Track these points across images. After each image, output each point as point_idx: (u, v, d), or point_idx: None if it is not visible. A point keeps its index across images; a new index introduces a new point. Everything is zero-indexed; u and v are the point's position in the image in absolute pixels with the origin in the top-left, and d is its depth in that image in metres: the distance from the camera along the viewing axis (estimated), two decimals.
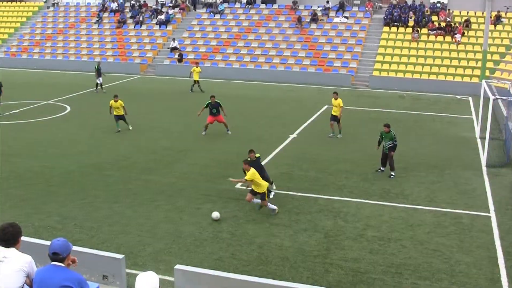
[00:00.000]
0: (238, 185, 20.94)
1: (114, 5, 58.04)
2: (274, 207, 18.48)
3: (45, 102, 36.51)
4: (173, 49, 50.01)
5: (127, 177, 22.07)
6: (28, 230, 16.64)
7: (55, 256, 7.62)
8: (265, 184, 18.53)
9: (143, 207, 19.08)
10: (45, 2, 64.18)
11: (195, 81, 39.96)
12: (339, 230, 17.15)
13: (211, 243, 16.26)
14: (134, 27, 55.15)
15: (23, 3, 65.12)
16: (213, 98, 28.67)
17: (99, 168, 23.34)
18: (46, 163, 24.07)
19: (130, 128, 29.44)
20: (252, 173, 18.25)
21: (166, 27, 53.84)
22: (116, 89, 40.71)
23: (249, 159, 19.38)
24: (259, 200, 18.47)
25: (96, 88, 40.07)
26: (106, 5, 58.82)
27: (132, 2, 58.22)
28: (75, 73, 49.17)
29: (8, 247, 7.77)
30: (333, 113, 28.35)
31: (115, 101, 28.83)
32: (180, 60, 48.61)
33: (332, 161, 24.40)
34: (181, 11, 55.62)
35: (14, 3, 65.07)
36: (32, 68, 51.90)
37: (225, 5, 54.87)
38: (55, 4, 62.29)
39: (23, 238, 13.69)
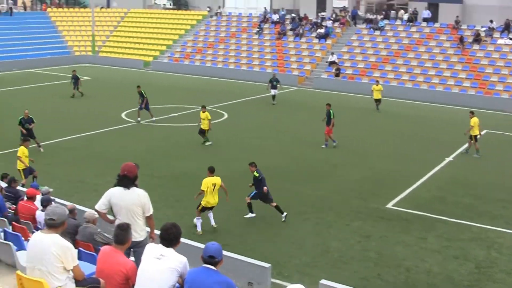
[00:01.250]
0: (389, 205, 20.64)
1: (275, 17, 58.93)
2: (199, 225, 18.13)
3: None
4: (331, 63, 50.04)
5: (279, 187, 22.23)
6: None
7: (211, 259, 7.73)
8: (213, 201, 18.14)
9: (292, 218, 19.20)
10: (209, 11, 66.28)
11: (376, 100, 38.87)
12: (492, 261, 16.46)
13: (358, 261, 16.11)
14: (294, 39, 55.72)
15: (188, 12, 67.62)
16: (328, 106, 29.13)
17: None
18: (202, 166, 24.69)
19: (207, 144, 28.51)
20: (204, 182, 18.07)
21: (326, 41, 53.99)
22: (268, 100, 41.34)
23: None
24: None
25: (273, 100, 40.00)
26: (267, 16, 59.83)
27: (293, 14, 58.88)
28: (234, 81, 50.25)
29: (168, 247, 7.96)
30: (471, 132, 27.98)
31: (203, 112, 28.47)
32: (337, 74, 48.57)
33: (490, 188, 23.43)
34: (341, 25, 55.62)
35: (180, 11, 67.72)
36: (193, 74, 53.53)
37: (386, 21, 54.28)
38: (218, 14, 64.14)
39: None
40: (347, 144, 29.46)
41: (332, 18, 56.35)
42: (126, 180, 10.18)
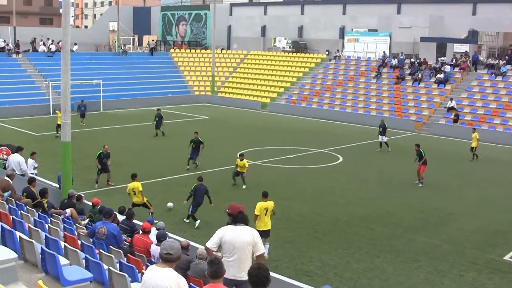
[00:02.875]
0: (507, 257, 19.86)
1: (394, 61, 58.56)
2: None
3: (318, 151, 37.60)
4: (450, 109, 49.06)
5: (391, 233, 21.96)
6: (289, 272, 17.18)
7: None
8: (264, 224, 18.84)
9: (404, 265, 18.84)
10: (327, 54, 66.68)
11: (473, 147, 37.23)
12: None
13: None
14: (412, 84, 55.07)
15: (307, 55, 68.20)
16: (417, 146, 30.32)
17: (365, 220, 23.49)
18: (315, 209, 24.75)
19: (243, 187, 27.96)
20: (258, 207, 18.64)
21: (445, 86, 53.07)
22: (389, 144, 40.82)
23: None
24: None
25: (381, 147, 38.54)
26: (386, 61, 59.54)
27: (412, 59, 58.33)
28: (351, 125, 50.05)
29: None
30: None
31: (240, 160, 28.08)
32: (456, 120, 47.53)
33: None
34: (461, 71, 54.55)
35: (299, 54, 68.40)
36: (309, 117, 53.80)
37: (508, 67, 52.75)
38: (337, 57, 64.39)
39: (283, 278, 14.16)
40: (463, 192, 28.74)
41: (452, 63, 55.39)
42: (242, 216, 10.33)
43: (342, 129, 47.79)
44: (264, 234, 18.30)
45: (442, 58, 57.16)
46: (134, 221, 17.95)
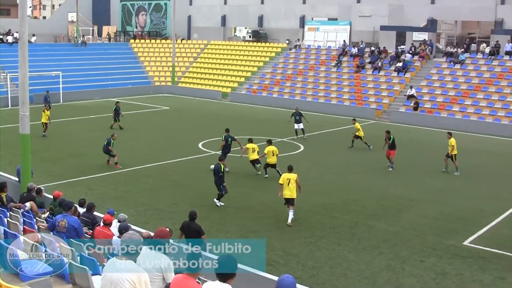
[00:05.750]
0: (466, 242, 20.13)
1: (354, 50, 58.85)
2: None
3: (279, 140, 37.62)
4: (410, 96, 49.50)
5: (353, 221, 22.11)
6: (251, 261, 17.15)
7: None
8: (288, 193, 21.63)
9: (365, 252, 18.99)
10: (288, 44, 66.77)
11: (360, 137, 36.23)
12: None
13: None
14: (372, 72, 55.44)
15: (267, 44, 68.24)
16: (387, 133, 31.36)
17: (327, 208, 23.62)
18: (277, 198, 24.68)
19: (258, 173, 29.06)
20: (282, 177, 22.00)
21: (404, 74, 53.51)
22: (348, 134, 40.98)
23: None
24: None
25: (297, 134, 38.69)
26: (346, 49, 59.81)
27: (372, 47, 58.68)
28: (311, 113, 50.05)
29: (224, 282, 7.56)
30: None
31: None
32: (416, 108, 47.99)
33: None
34: (421, 59, 55.04)
35: (259, 44, 68.40)
36: (270, 106, 53.83)
37: (466, 55, 53.37)
38: (297, 46, 64.51)
39: (245, 267, 14.16)
40: (424, 179, 29.01)
41: (411, 52, 55.83)
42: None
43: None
44: (288, 202, 21.47)
45: (402, 47, 57.63)
46: (95, 213, 17.81)
